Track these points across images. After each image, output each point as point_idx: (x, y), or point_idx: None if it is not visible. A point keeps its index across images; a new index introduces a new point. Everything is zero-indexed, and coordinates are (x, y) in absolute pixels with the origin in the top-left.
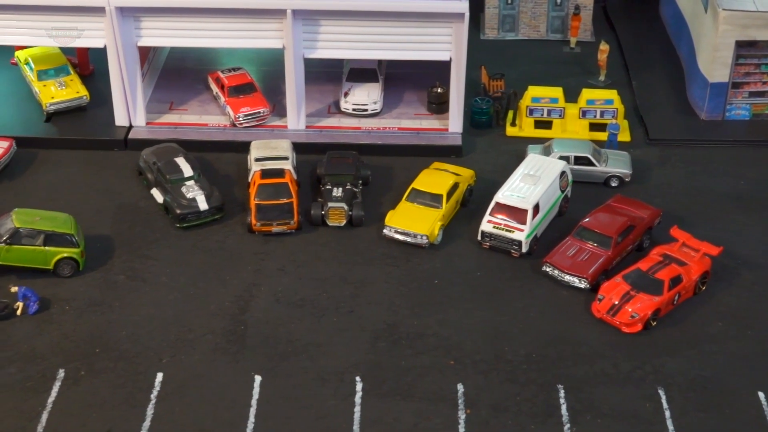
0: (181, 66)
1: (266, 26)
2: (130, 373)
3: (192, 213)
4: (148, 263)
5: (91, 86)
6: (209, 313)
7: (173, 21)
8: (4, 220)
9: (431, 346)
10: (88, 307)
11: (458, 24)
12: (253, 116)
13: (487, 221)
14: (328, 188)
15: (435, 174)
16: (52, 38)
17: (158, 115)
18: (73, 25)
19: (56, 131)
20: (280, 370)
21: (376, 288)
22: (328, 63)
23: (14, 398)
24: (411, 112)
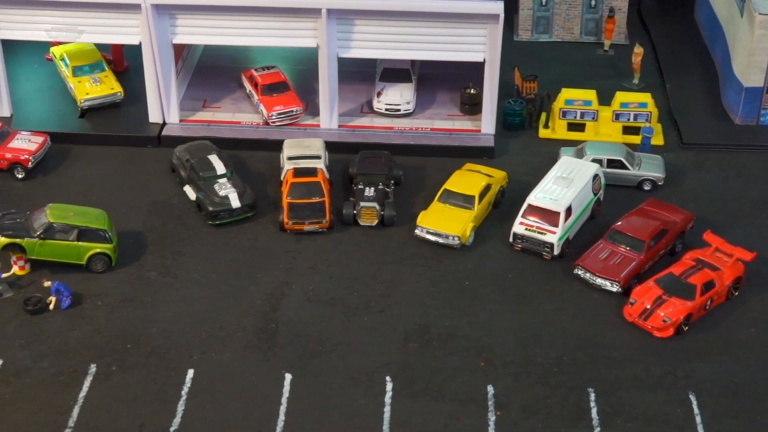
0: (215, 64)
1: (301, 25)
2: (161, 369)
3: (224, 210)
4: (181, 260)
5: (125, 83)
6: (241, 310)
7: (208, 19)
8: (38, 215)
9: (462, 347)
10: (120, 303)
11: (493, 25)
12: (286, 115)
13: (519, 223)
14: (360, 188)
15: (467, 175)
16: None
17: (192, 112)
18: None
19: (90, 127)
20: (310, 368)
21: (407, 288)
22: (362, 62)
23: (46, 392)
24: (444, 112)
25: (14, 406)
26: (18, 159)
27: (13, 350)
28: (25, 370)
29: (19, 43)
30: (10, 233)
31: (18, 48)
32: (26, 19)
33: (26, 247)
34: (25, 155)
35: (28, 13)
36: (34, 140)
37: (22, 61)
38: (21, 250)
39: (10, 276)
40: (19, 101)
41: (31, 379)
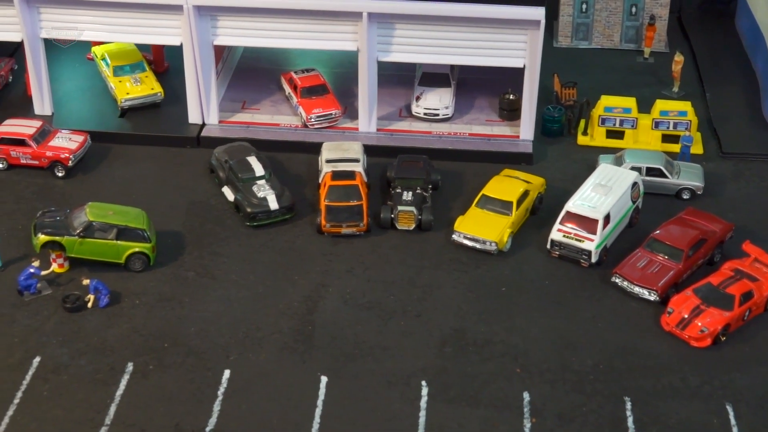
0: (255, 66)
1: (341, 28)
2: (198, 368)
3: (262, 212)
4: (218, 260)
5: (165, 83)
6: (277, 312)
7: (250, 21)
8: (78, 213)
9: (498, 353)
10: (158, 302)
11: (533, 31)
12: (325, 117)
13: (557, 230)
14: (398, 192)
15: (505, 181)
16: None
17: (231, 113)
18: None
19: (130, 127)
20: (346, 371)
21: (444, 293)
22: (401, 66)
23: (84, 389)
24: (482, 118)
25: (52, 402)
26: (58, 157)
27: (51, 347)
28: (63, 367)
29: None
30: (50, 231)
31: (60, 47)
32: (68, 18)
33: (66, 245)
34: (65, 154)
35: (70, 13)
36: (74, 139)
37: (64, 60)
38: (61, 248)
39: (50, 273)
40: (60, 100)
41: (69, 376)
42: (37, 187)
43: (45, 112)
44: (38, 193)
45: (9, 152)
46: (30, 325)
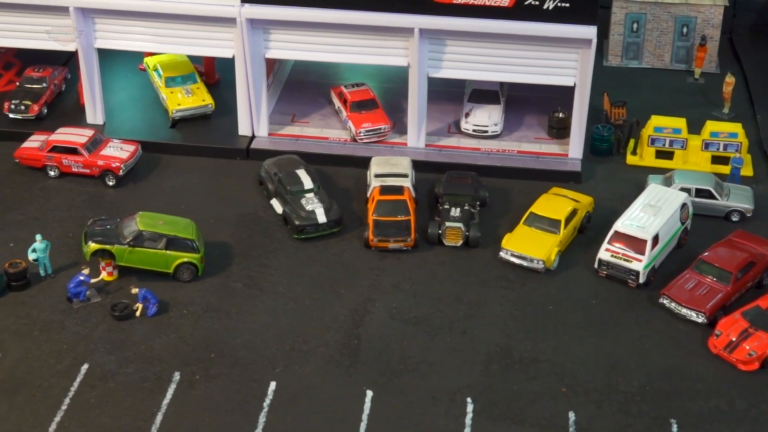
0: (305, 79)
1: (392, 44)
2: (244, 380)
3: (310, 225)
4: (266, 272)
5: (216, 95)
6: (324, 325)
7: (301, 34)
8: (129, 222)
9: (544, 372)
10: (205, 312)
11: (585, 50)
12: (374, 132)
13: (605, 249)
14: (446, 208)
15: (554, 199)
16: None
17: (280, 126)
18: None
19: (181, 137)
20: (391, 386)
21: (490, 310)
22: (450, 82)
23: (131, 398)
24: (531, 135)
25: (99, 410)
26: (109, 166)
27: (99, 355)
28: (110, 374)
29: (114, 52)
30: (100, 239)
31: (113, 58)
32: (122, 29)
33: (115, 254)
34: (116, 163)
35: (124, 24)
36: (125, 148)
37: (116, 70)
38: (110, 256)
39: (99, 281)
40: (112, 110)
41: (116, 384)
42: (87, 195)
43: (97, 121)
44: (89, 202)
45: (61, 160)
46: (79, 332)
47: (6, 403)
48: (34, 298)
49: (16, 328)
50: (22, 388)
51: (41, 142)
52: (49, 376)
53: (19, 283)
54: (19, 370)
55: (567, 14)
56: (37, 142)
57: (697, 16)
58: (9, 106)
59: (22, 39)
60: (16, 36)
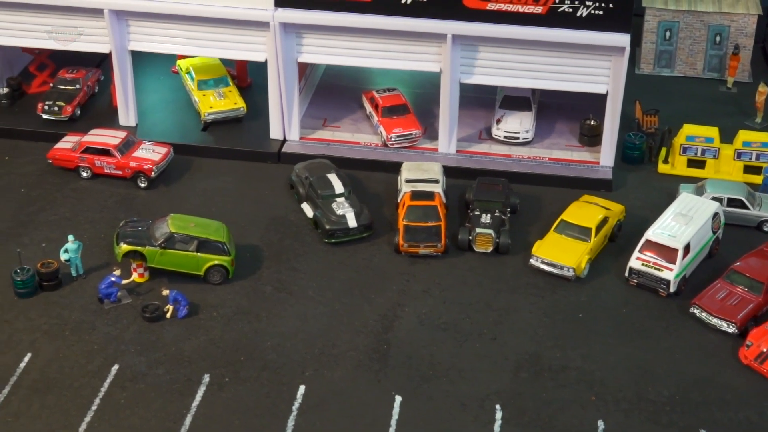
0: (336, 83)
1: (425, 49)
2: (273, 383)
3: (341, 229)
4: (296, 276)
5: (248, 99)
6: (353, 329)
7: (334, 39)
8: (160, 224)
9: (573, 380)
10: (235, 315)
11: (618, 58)
12: (405, 137)
13: (636, 258)
14: (477, 214)
15: (585, 207)
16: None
17: (312, 130)
18: (236, 38)
19: (212, 140)
20: (420, 391)
21: (520, 317)
22: (481, 88)
23: (161, 399)
24: (562, 142)
25: (129, 410)
26: (142, 168)
27: (129, 356)
28: (140, 375)
29: (147, 55)
30: (132, 241)
31: (146, 60)
32: (156, 32)
33: (147, 256)
34: (148, 165)
35: (157, 26)
36: (157, 150)
37: (149, 73)
38: (142, 257)
39: (130, 283)
40: (144, 112)
41: (146, 385)
42: (119, 196)
43: (130, 123)
44: (120, 203)
45: (94, 161)
46: (109, 333)
47: (37, 403)
48: (66, 298)
49: (47, 328)
50: (53, 388)
51: (74, 143)
52: (80, 376)
53: (51, 283)
54: (50, 369)
55: (600, 22)
56: (70, 143)
57: (730, 25)
58: (43, 107)
59: (56, 40)
60: (50, 37)
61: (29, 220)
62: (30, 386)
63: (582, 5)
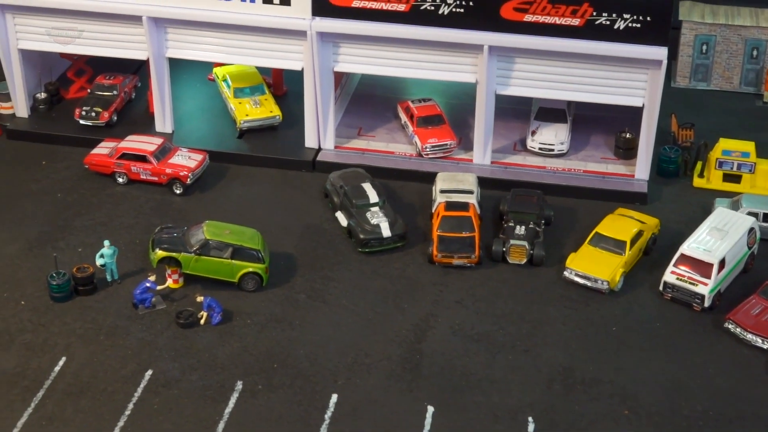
0: (371, 93)
1: (461, 60)
2: (306, 391)
3: (375, 239)
4: (330, 285)
5: (283, 107)
6: (386, 339)
7: (371, 49)
8: (196, 231)
9: (606, 394)
10: (268, 323)
11: (655, 71)
12: (440, 148)
13: (670, 272)
14: (511, 225)
15: (620, 220)
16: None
17: (347, 139)
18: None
19: (248, 148)
20: (453, 402)
21: (553, 329)
22: (517, 100)
23: (194, 405)
24: (597, 155)
25: (162, 416)
26: (177, 175)
27: (163, 361)
28: (174, 381)
29: (184, 62)
30: (167, 247)
31: (183, 67)
32: (193, 39)
33: (182, 262)
34: (184, 171)
35: (195, 34)
36: (193, 157)
37: (186, 80)
38: (177, 264)
39: (165, 289)
40: (180, 119)
41: (180, 390)
42: (155, 203)
43: (166, 129)
44: (156, 209)
45: (130, 167)
46: (143, 338)
47: (71, 407)
48: (101, 303)
49: (82, 332)
50: (86, 392)
51: (111, 149)
52: (114, 380)
53: (86, 287)
54: (84, 373)
55: (638, 35)
56: (106, 149)
57: (767, 39)
58: (80, 113)
59: (94, 47)
60: (88, 44)
61: (65, 225)
62: (64, 390)
63: (620, 18)
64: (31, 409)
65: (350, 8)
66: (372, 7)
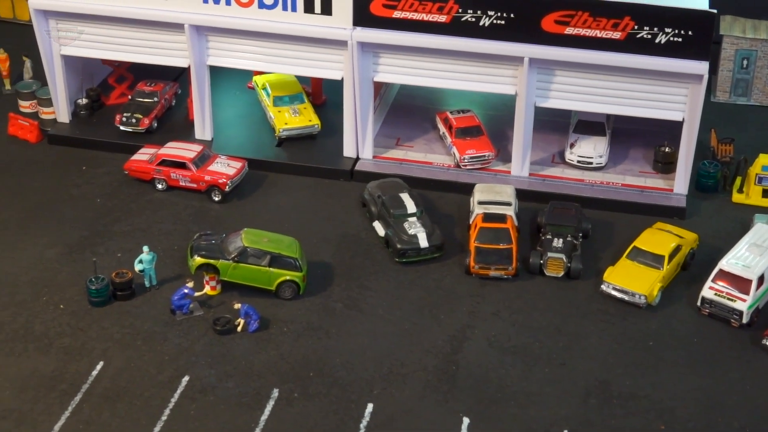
0: (410, 103)
1: (501, 72)
2: (341, 400)
3: (412, 249)
4: (366, 294)
5: (322, 116)
6: (422, 349)
7: (411, 59)
8: (234, 238)
9: (643, 408)
10: (305, 331)
11: (695, 85)
12: (478, 159)
13: (708, 287)
14: (548, 238)
15: (658, 234)
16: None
17: (385, 149)
18: (314, 56)
19: (286, 156)
20: (488, 414)
21: (590, 343)
22: (555, 112)
23: (229, 412)
24: (636, 169)
25: (198, 422)
26: (216, 182)
27: (200, 368)
28: (210, 388)
29: (224, 70)
30: (205, 254)
31: (222, 75)
32: (234, 47)
33: (220, 269)
34: (223, 179)
35: (236, 42)
36: (232, 165)
37: (225, 88)
38: (215, 270)
39: (202, 295)
40: (220, 126)
41: (216, 397)
42: (193, 209)
43: (205, 137)
44: (194, 216)
45: (169, 174)
46: (181, 344)
47: (108, 411)
48: (139, 308)
49: (119, 337)
50: (123, 397)
51: (150, 155)
52: (151, 386)
53: (124, 292)
54: (121, 378)
55: (679, 49)
56: (146, 155)
57: None
58: (120, 119)
59: (135, 53)
60: (129, 50)
61: (105, 230)
62: (101, 394)
63: (661, 32)
64: (68, 413)
65: (391, 19)
66: (413, 18)
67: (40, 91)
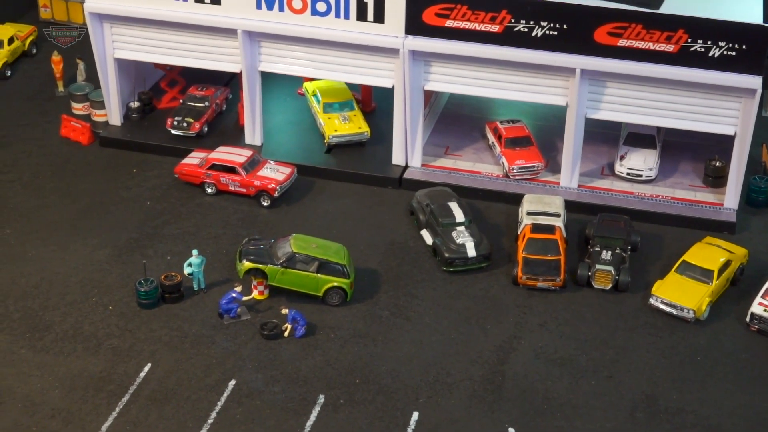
0: (459, 112)
1: (552, 83)
2: (387, 408)
3: (460, 258)
4: (413, 302)
5: (371, 123)
6: (468, 359)
7: (463, 69)
8: (283, 244)
9: (689, 424)
10: (352, 338)
11: (748, 99)
12: (527, 169)
13: (758, 303)
14: (597, 250)
15: (707, 248)
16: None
17: (434, 158)
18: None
19: (335, 163)
20: (534, 425)
21: (637, 356)
22: (605, 124)
23: (275, 417)
24: (686, 182)
25: (245, 426)
26: (265, 187)
27: (247, 372)
28: (257, 392)
29: (274, 75)
30: (254, 258)
31: (273, 81)
32: (286, 54)
33: (268, 274)
34: (272, 184)
35: (288, 49)
36: (282, 170)
37: (276, 93)
38: (263, 275)
39: (250, 300)
40: (269, 132)
41: (262, 402)
42: (242, 214)
43: (255, 142)
44: (243, 220)
45: (219, 178)
46: (228, 348)
47: (155, 413)
48: (187, 311)
49: (168, 340)
50: (171, 399)
51: (201, 159)
52: (198, 389)
53: (173, 295)
54: (169, 380)
55: (732, 63)
56: (196, 159)
57: None
58: (172, 123)
59: (188, 58)
60: (182, 55)
61: (154, 233)
62: (149, 396)
63: (715, 46)
64: (116, 414)
65: (443, 28)
66: (465, 28)
67: (93, 94)
